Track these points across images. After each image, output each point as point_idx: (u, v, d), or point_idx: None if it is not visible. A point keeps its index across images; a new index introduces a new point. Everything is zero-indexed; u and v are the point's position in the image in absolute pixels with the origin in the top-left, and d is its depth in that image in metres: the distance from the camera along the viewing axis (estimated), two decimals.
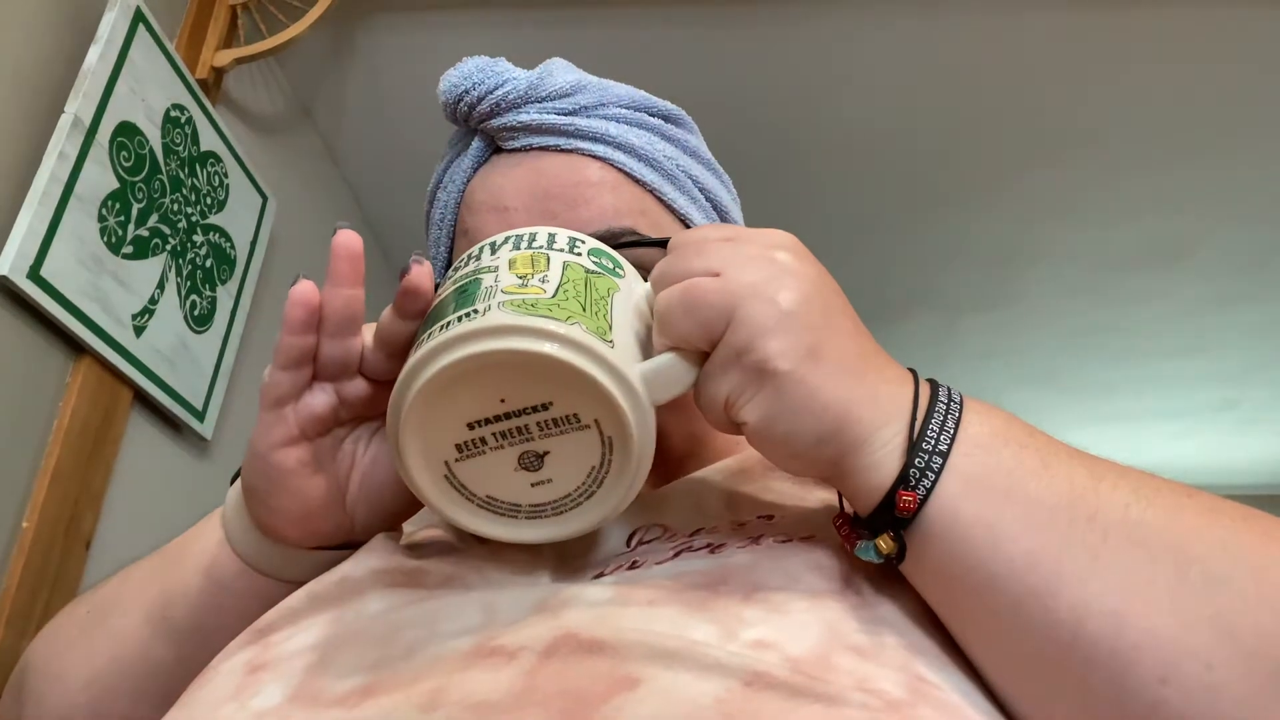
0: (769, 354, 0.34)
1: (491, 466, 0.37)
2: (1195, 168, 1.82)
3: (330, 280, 0.39)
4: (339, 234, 0.38)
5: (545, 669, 0.32)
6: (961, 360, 2.66)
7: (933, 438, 0.34)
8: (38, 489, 0.93)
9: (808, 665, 0.32)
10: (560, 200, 0.50)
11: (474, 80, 0.53)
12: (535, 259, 0.38)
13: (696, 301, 0.35)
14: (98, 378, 1.02)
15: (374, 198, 1.91)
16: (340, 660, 0.36)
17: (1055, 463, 0.34)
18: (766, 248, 0.37)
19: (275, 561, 0.45)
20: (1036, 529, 0.33)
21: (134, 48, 1.08)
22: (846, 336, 0.36)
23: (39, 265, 0.91)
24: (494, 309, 0.34)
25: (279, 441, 0.40)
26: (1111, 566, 0.32)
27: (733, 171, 0.61)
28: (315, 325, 0.39)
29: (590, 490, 0.38)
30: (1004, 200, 1.94)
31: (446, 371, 0.34)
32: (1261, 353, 2.56)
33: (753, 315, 0.34)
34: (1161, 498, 0.34)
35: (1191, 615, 0.31)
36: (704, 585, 0.37)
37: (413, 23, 1.51)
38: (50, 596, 0.93)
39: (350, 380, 0.41)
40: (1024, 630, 0.33)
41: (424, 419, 0.36)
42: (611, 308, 0.37)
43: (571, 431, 0.36)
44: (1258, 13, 1.47)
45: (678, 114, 0.58)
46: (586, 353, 0.34)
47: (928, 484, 0.34)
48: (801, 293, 0.35)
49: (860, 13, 1.49)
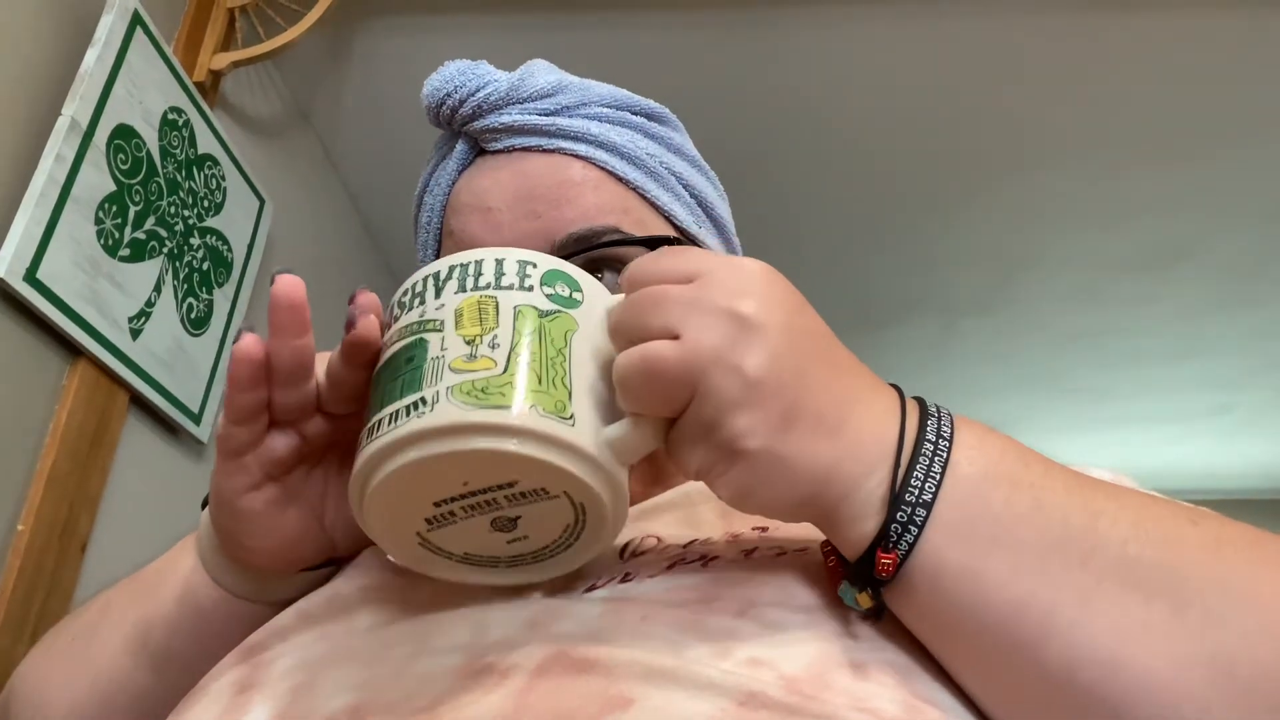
0: (737, 432, 0.32)
1: (465, 531, 0.36)
2: (1191, 172, 1.83)
3: (275, 333, 0.36)
4: (277, 282, 0.36)
5: (537, 688, 0.32)
6: (959, 363, 2.66)
7: (917, 486, 0.33)
8: (33, 492, 0.93)
9: (803, 684, 0.32)
10: (544, 200, 0.50)
11: (456, 83, 0.53)
12: (483, 309, 0.35)
13: (655, 371, 0.32)
14: (94, 380, 1.02)
15: (371, 201, 1.91)
16: (329, 679, 0.36)
17: (1049, 501, 0.33)
18: (731, 295, 0.33)
19: (256, 589, 0.44)
20: (1026, 576, 0.32)
21: (131, 50, 1.08)
22: (821, 388, 0.33)
23: (35, 268, 0.91)
24: (443, 399, 0.32)
25: (243, 488, 0.39)
26: (1105, 611, 0.31)
27: (730, 176, 0.60)
28: (263, 378, 0.37)
29: (568, 543, 0.36)
30: (1001, 204, 1.95)
31: (399, 472, 0.33)
32: (1257, 357, 2.57)
33: (717, 388, 0.32)
34: (1161, 530, 0.32)
35: (1188, 657, 0.30)
36: (697, 601, 0.36)
37: (410, 26, 1.52)
38: (46, 600, 0.93)
39: (310, 419, 0.39)
40: (1015, 677, 0.32)
41: (385, 508, 0.35)
42: (570, 362, 0.34)
43: (541, 501, 0.34)
44: (1254, 17, 1.47)
45: (661, 112, 0.57)
46: (545, 441, 0.32)
47: (910, 538, 0.32)
48: (769, 353, 0.32)
49: (858, 17, 1.50)
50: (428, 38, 1.53)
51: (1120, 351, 2.58)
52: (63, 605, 0.95)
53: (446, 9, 1.49)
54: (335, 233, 1.84)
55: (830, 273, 2.19)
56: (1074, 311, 2.37)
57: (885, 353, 2.58)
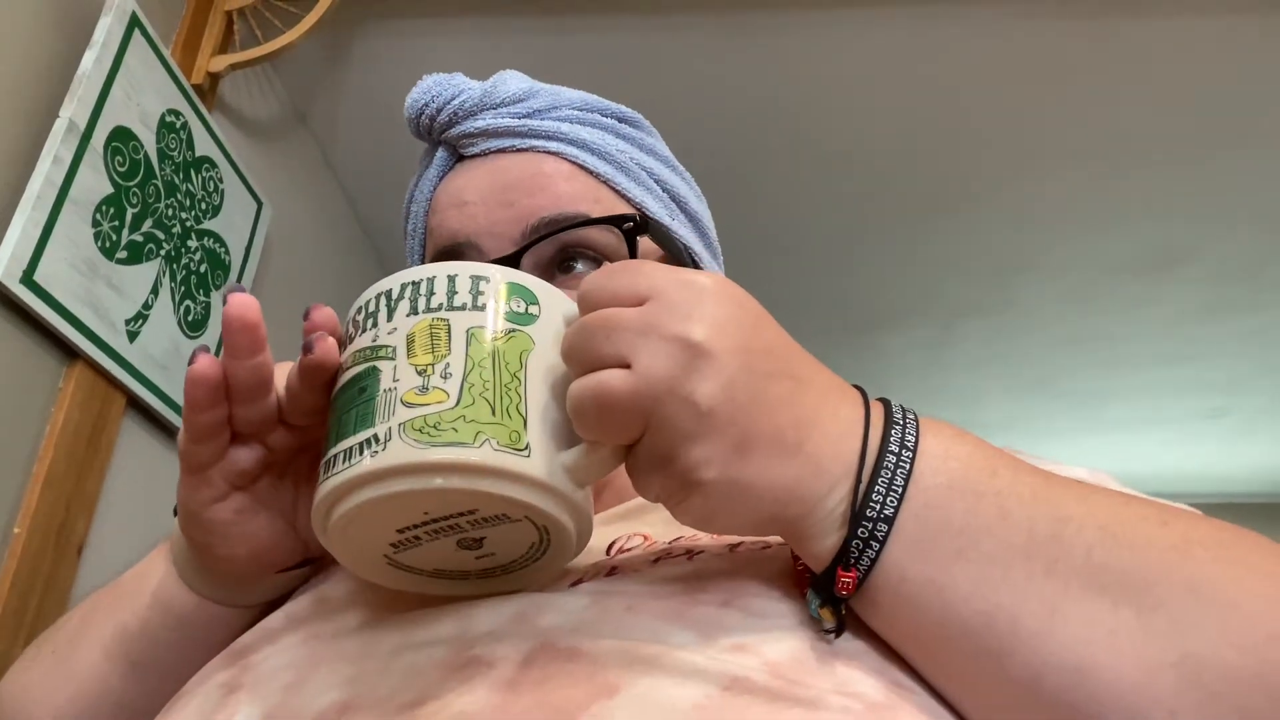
0: (692, 464, 0.32)
1: (432, 551, 0.36)
2: (1187, 177, 1.83)
3: (230, 354, 0.36)
4: (230, 302, 0.36)
5: (524, 679, 0.32)
6: (956, 367, 2.67)
7: (878, 501, 0.32)
8: (29, 494, 0.93)
9: (787, 670, 0.32)
10: (517, 189, 0.51)
11: (431, 94, 0.55)
12: (435, 334, 0.34)
13: (607, 405, 0.32)
14: (91, 383, 1.02)
15: (369, 203, 1.91)
16: (317, 678, 0.36)
17: (1015, 509, 0.33)
18: (682, 320, 0.32)
19: (232, 593, 0.44)
20: (990, 588, 0.32)
21: (129, 53, 1.08)
22: (778, 408, 0.33)
23: (32, 270, 0.91)
24: (395, 437, 0.32)
25: (208, 501, 0.39)
26: (1071, 619, 0.31)
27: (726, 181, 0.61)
28: (221, 397, 0.37)
29: (535, 557, 0.37)
30: (998, 209, 1.95)
31: (356, 509, 0.33)
32: (1252, 361, 2.57)
33: (669, 418, 0.31)
34: (1129, 534, 0.32)
35: (1155, 663, 0.30)
36: (682, 591, 0.37)
37: (407, 30, 1.52)
38: (41, 602, 0.93)
39: (272, 431, 0.40)
40: (983, 684, 0.32)
41: (348, 539, 0.35)
42: (525, 386, 0.34)
43: (504, 524, 0.34)
44: (1250, 23, 1.48)
45: (634, 116, 0.59)
46: (500, 477, 0.32)
47: (872, 554, 0.32)
48: (721, 381, 0.32)
49: (856, 23, 1.50)
50: (425, 41, 1.53)
51: (1117, 355, 2.58)
52: (59, 608, 0.95)
53: (443, 13, 1.49)
54: (333, 235, 1.84)
55: (828, 277, 2.20)
56: (1071, 315, 2.37)
57: (883, 356, 2.58)
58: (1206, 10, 1.46)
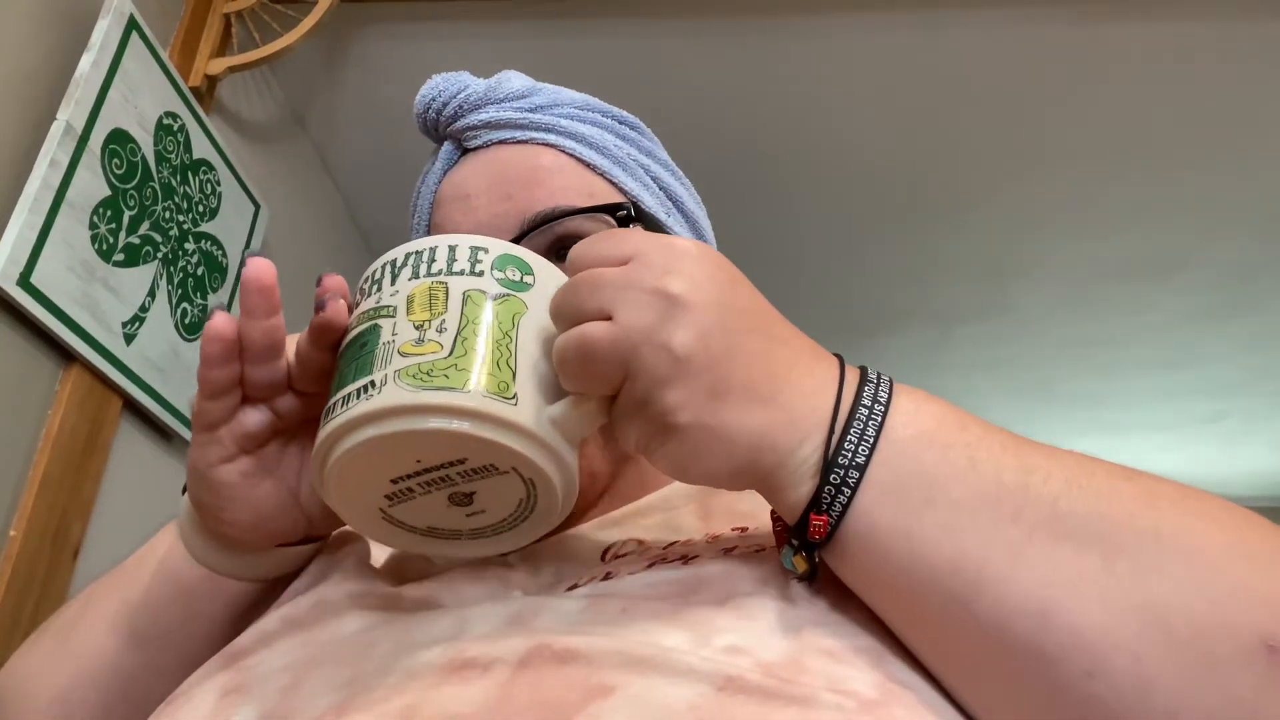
0: (667, 407, 0.33)
1: (425, 506, 0.37)
2: (1185, 182, 1.84)
3: (246, 314, 0.39)
4: (249, 265, 0.38)
5: (519, 680, 0.32)
6: (954, 371, 2.67)
7: (850, 450, 0.34)
8: (25, 497, 0.93)
9: (780, 669, 0.32)
10: (515, 182, 0.53)
11: (438, 90, 0.57)
12: (433, 294, 0.36)
13: (589, 354, 0.34)
14: (87, 386, 1.02)
15: (366, 206, 1.91)
16: (314, 680, 0.36)
17: (983, 459, 0.34)
18: (661, 274, 0.34)
19: (236, 565, 0.45)
20: (958, 534, 0.32)
21: (127, 55, 1.08)
22: (753, 360, 0.35)
23: (29, 272, 0.91)
24: (390, 383, 0.34)
25: (216, 460, 0.41)
26: (1036, 564, 0.31)
27: (725, 184, 0.61)
28: (235, 355, 0.39)
29: (525, 514, 0.38)
30: (996, 213, 1.95)
31: (352, 451, 0.34)
32: (1250, 365, 2.58)
33: (647, 365, 0.33)
34: (1095, 485, 0.33)
35: (1119, 607, 0.30)
36: (677, 594, 0.37)
37: (405, 33, 1.52)
38: (37, 605, 0.93)
39: (282, 396, 0.41)
40: (952, 631, 0.33)
41: (344, 486, 0.36)
42: (516, 344, 0.36)
43: (492, 476, 0.36)
44: (1249, 28, 1.48)
45: (633, 120, 0.60)
46: (486, 420, 0.34)
47: (843, 500, 0.33)
48: (696, 330, 0.33)
49: (855, 28, 1.50)
50: (423, 44, 1.53)
51: (1114, 360, 2.58)
52: (53, 612, 0.95)
53: (441, 16, 1.49)
54: (330, 238, 1.84)
55: (826, 281, 2.20)
56: (1069, 319, 2.38)
57: (880, 360, 2.58)
58: (1205, 16, 1.46)
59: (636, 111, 0.60)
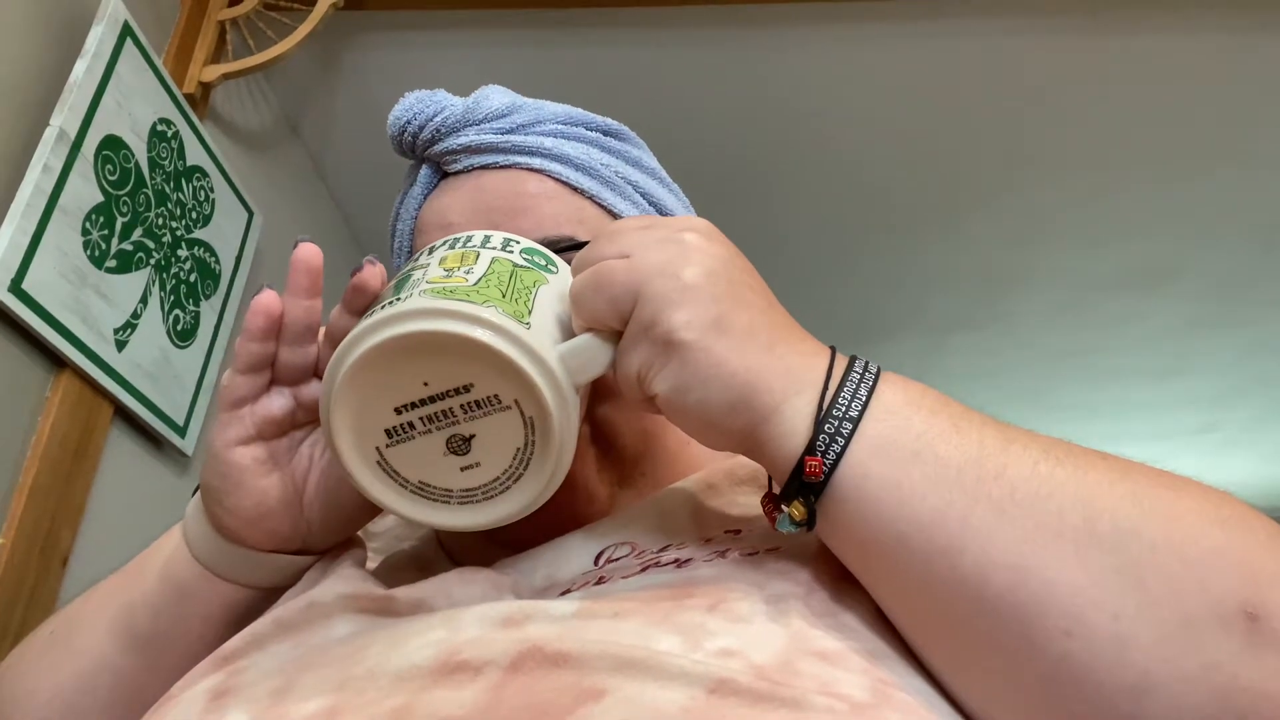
0: (673, 325, 0.36)
1: (421, 451, 0.38)
2: (1178, 192, 1.85)
3: (290, 291, 0.41)
4: (299, 248, 0.41)
5: (510, 683, 0.32)
6: (946, 381, 2.67)
7: (844, 405, 0.35)
8: (15, 504, 0.92)
9: (772, 671, 0.32)
10: (500, 212, 0.52)
11: (414, 111, 0.56)
12: (465, 255, 0.40)
13: (605, 281, 0.37)
14: (78, 392, 1.01)
15: (360, 214, 1.91)
16: (304, 683, 0.36)
17: (967, 426, 0.35)
18: (677, 230, 0.39)
19: (234, 565, 0.45)
20: (943, 487, 0.33)
21: (121, 62, 1.08)
22: (754, 309, 0.37)
23: (21, 278, 0.91)
24: (415, 296, 0.36)
25: (234, 440, 0.42)
26: (1018, 521, 0.32)
27: (716, 196, 0.61)
28: (275, 333, 0.41)
29: (518, 473, 0.39)
30: (988, 223, 1.96)
31: (366, 355, 0.36)
32: (1242, 376, 2.59)
33: (657, 290, 0.36)
34: (1073, 457, 0.34)
35: (1098, 566, 0.31)
36: (669, 598, 0.37)
37: (400, 41, 1.52)
38: (26, 613, 0.92)
39: (307, 384, 0.43)
40: (934, 588, 0.33)
41: (351, 403, 0.37)
42: (535, 297, 0.39)
43: (494, 413, 0.37)
44: (1241, 39, 1.49)
45: (618, 129, 0.59)
46: (498, 331, 0.35)
47: (837, 448, 0.35)
48: (705, 268, 0.37)
49: (848, 38, 1.51)
50: (417, 53, 1.53)
51: (1106, 370, 2.59)
52: (43, 619, 0.94)
53: (436, 25, 1.49)
54: (324, 245, 1.81)
55: (818, 290, 2.20)
56: (1061, 329, 2.38)
57: None
58: (1197, 27, 1.47)
59: (627, 121, 0.60)
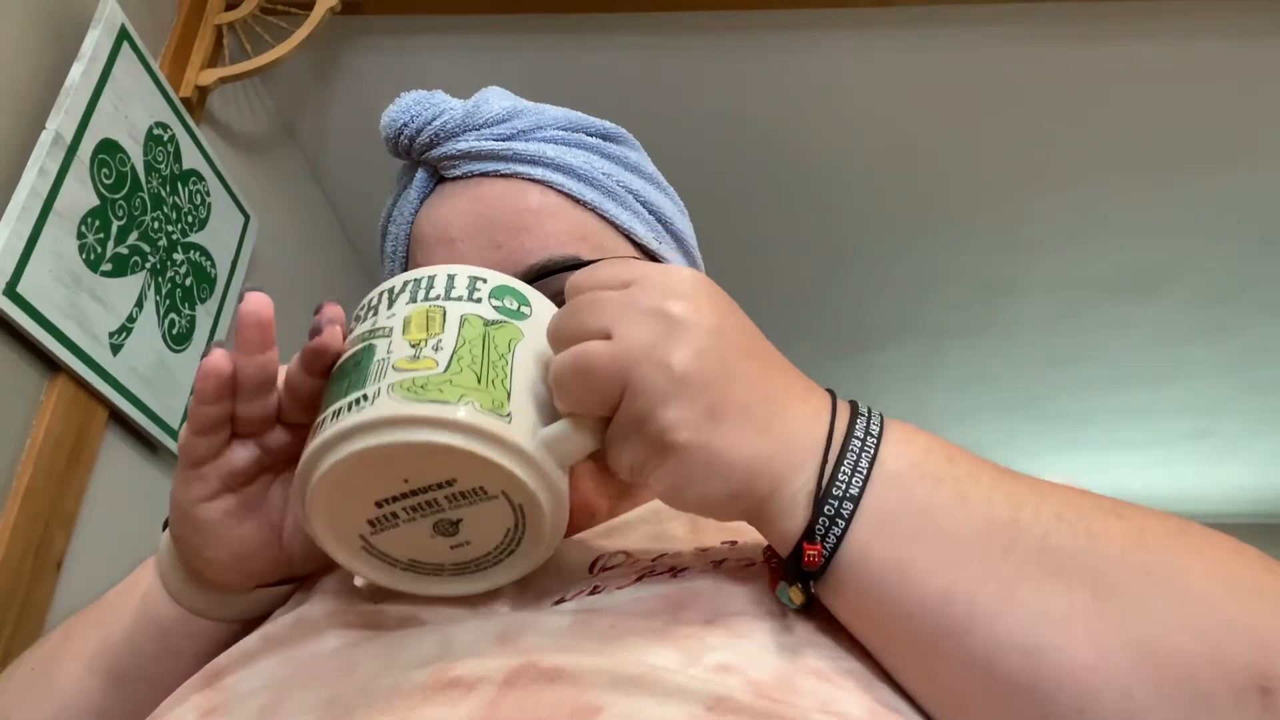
0: (666, 425, 0.33)
1: (408, 535, 0.36)
2: (1172, 199, 1.85)
3: (241, 349, 0.38)
4: (245, 300, 0.38)
5: (505, 700, 0.32)
6: (940, 388, 2.67)
7: (844, 481, 0.34)
8: (8, 508, 0.92)
9: (770, 689, 0.32)
10: (503, 229, 0.51)
11: (412, 113, 0.55)
12: (430, 316, 0.36)
13: (588, 369, 0.34)
14: (73, 396, 1.01)
15: (356, 217, 1.90)
16: (295, 700, 0.35)
17: (974, 494, 0.34)
18: (661, 298, 0.35)
19: (214, 605, 0.44)
20: (949, 567, 0.32)
21: (118, 65, 1.08)
22: (750, 384, 0.35)
23: (16, 281, 0.91)
24: (383, 395, 0.33)
25: (200, 497, 0.40)
26: (1027, 600, 0.31)
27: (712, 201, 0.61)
28: (229, 391, 0.39)
29: (510, 548, 0.37)
30: (984, 230, 1.96)
31: (339, 466, 0.33)
32: (1236, 383, 2.59)
33: (646, 382, 0.33)
34: (1085, 521, 0.33)
35: (1110, 643, 0.30)
36: (665, 610, 0.37)
37: (397, 45, 1.52)
38: (19, 618, 0.92)
39: (270, 432, 0.41)
40: (941, 665, 0.33)
41: (328, 505, 0.35)
42: (511, 366, 0.36)
43: (481, 502, 0.35)
44: (1236, 46, 1.50)
45: (617, 132, 0.58)
46: (478, 435, 0.33)
47: (837, 532, 0.33)
48: (695, 349, 0.34)
49: (841, 43, 1.51)
50: (415, 57, 1.53)
51: (1101, 376, 2.60)
52: (36, 624, 0.94)
53: (433, 29, 1.49)
54: (320, 249, 1.84)
55: (813, 297, 2.20)
56: (1055, 336, 2.39)
57: (868, 376, 2.59)
58: (1192, 33, 1.48)
59: (624, 126, 0.59)
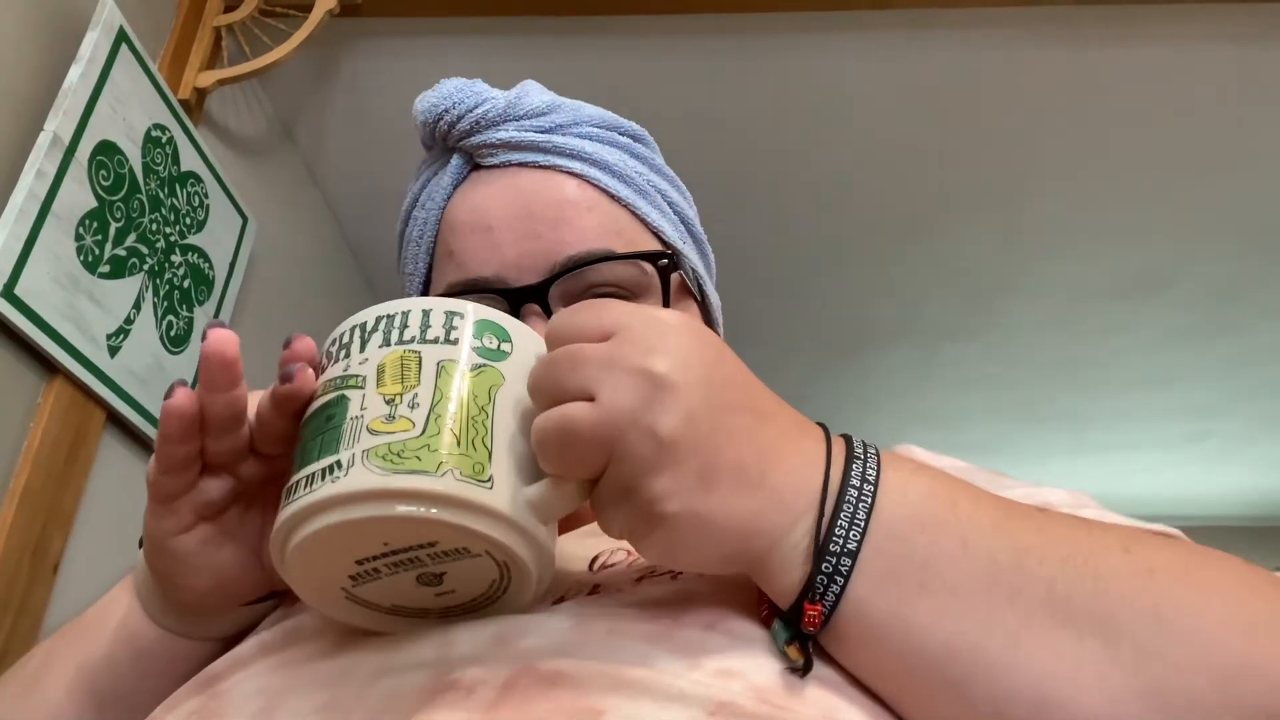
0: (655, 495, 0.32)
1: (391, 586, 0.35)
2: (1171, 201, 1.85)
3: (206, 387, 0.36)
4: (208, 337, 0.36)
5: (505, 703, 0.31)
6: (939, 390, 2.67)
7: (841, 535, 0.33)
8: (6, 510, 0.92)
9: (773, 695, 0.32)
10: (542, 220, 0.51)
11: (454, 100, 0.54)
12: (405, 365, 0.34)
13: (571, 436, 0.32)
14: (70, 398, 1.01)
15: (354, 219, 1.90)
16: (289, 704, 0.35)
17: (976, 540, 0.33)
18: (645, 354, 0.33)
19: (195, 626, 0.44)
20: (952, 619, 0.32)
21: (116, 67, 1.08)
22: (740, 440, 0.33)
23: (13, 283, 0.90)
24: (358, 464, 0.32)
25: (174, 530, 0.39)
26: (1034, 652, 0.31)
27: (708, 203, 0.61)
28: (195, 431, 0.37)
29: (496, 595, 0.36)
30: (984, 232, 1.96)
31: (315, 536, 0.32)
32: (1234, 385, 2.59)
33: (632, 450, 0.32)
34: (1092, 564, 0.32)
35: (1121, 692, 0.30)
36: (666, 613, 0.36)
37: (396, 48, 1.52)
38: (16, 620, 0.92)
39: (243, 462, 0.40)
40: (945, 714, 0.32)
41: (305, 567, 0.34)
42: (492, 420, 0.34)
43: (464, 559, 0.34)
44: (1235, 50, 1.50)
45: (642, 133, 0.60)
46: (461, 507, 0.32)
47: (836, 589, 0.32)
48: (683, 413, 0.32)
49: (840, 46, 1.51)
50: (413, 59, 1.53)
51: (1099, 379, 2.60)
52: (33, 627, 0.94)
53: (432, 31, 1.50)
54: (318, 251, 1.84)
55: (810, 300, 2.21)
56: (1054, 339, 2.39)
57: (866, 379, 2.59)
58: (1191, 37, 1.48)
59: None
